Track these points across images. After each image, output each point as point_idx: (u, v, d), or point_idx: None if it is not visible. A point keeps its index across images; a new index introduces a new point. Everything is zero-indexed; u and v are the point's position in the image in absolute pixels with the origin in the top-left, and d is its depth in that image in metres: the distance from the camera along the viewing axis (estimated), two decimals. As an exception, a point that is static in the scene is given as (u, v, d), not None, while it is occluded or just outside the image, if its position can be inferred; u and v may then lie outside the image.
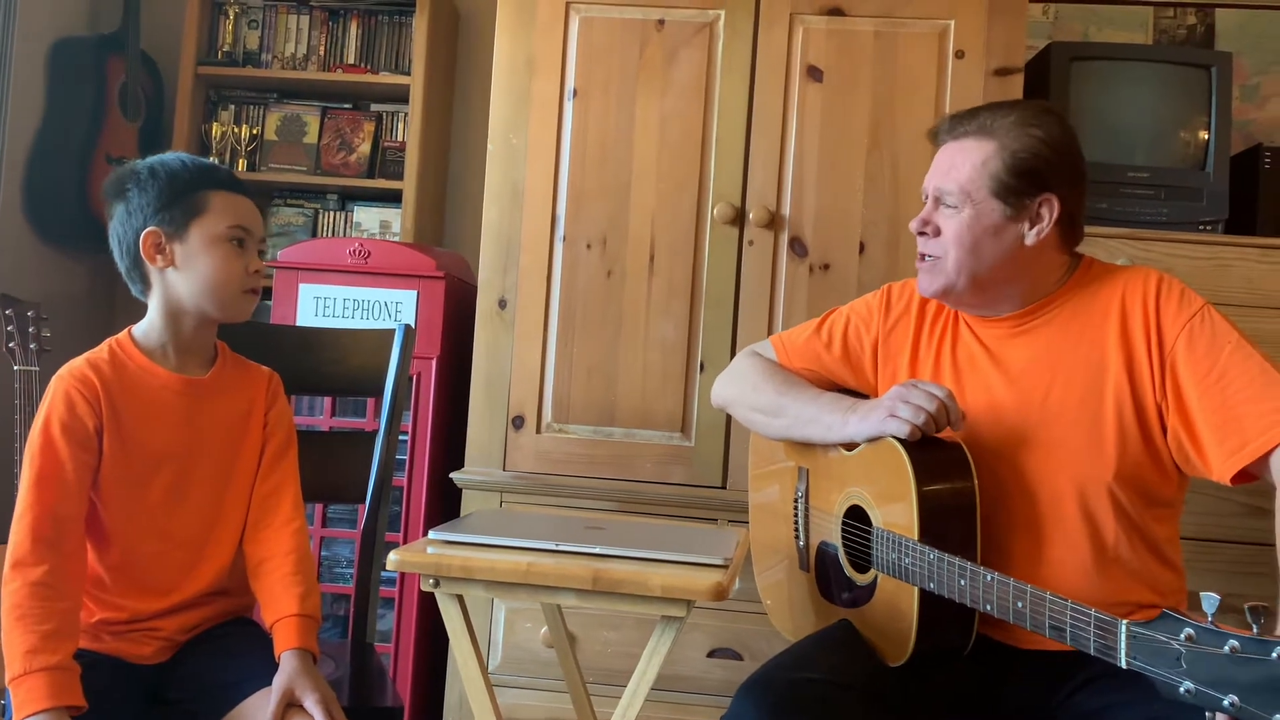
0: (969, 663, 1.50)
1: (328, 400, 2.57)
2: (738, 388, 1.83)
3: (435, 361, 2.53)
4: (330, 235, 3.35)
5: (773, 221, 2.32)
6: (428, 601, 2.46)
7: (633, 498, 2.32)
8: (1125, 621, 1.10)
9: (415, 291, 2.55)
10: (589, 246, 2.36)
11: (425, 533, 1.53)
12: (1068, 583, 1.44)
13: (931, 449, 1.48)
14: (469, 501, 2.37)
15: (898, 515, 1.49)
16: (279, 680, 1.45)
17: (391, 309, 2.55)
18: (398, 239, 3.23)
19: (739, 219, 2.33)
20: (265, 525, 1.61)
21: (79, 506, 1.46)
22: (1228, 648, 0.99)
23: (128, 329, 1.58)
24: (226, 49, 3.37)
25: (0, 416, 2.66)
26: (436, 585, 1.46)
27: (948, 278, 1.56)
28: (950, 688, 1.51)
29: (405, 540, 2.47)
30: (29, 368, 2.48)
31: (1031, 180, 1.52)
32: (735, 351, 2.18)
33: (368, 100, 3.41)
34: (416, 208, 3.19)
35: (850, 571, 1.62)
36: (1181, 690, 1.02)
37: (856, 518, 1.61)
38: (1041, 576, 1.44)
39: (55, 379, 1.51)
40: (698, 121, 2.34)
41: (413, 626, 2.49)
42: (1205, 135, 2.49)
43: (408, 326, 1.92)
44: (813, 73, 2.32)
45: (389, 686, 1.72)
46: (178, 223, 1.52)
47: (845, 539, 1.64)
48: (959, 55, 2.29)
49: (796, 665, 1.45)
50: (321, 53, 3.36)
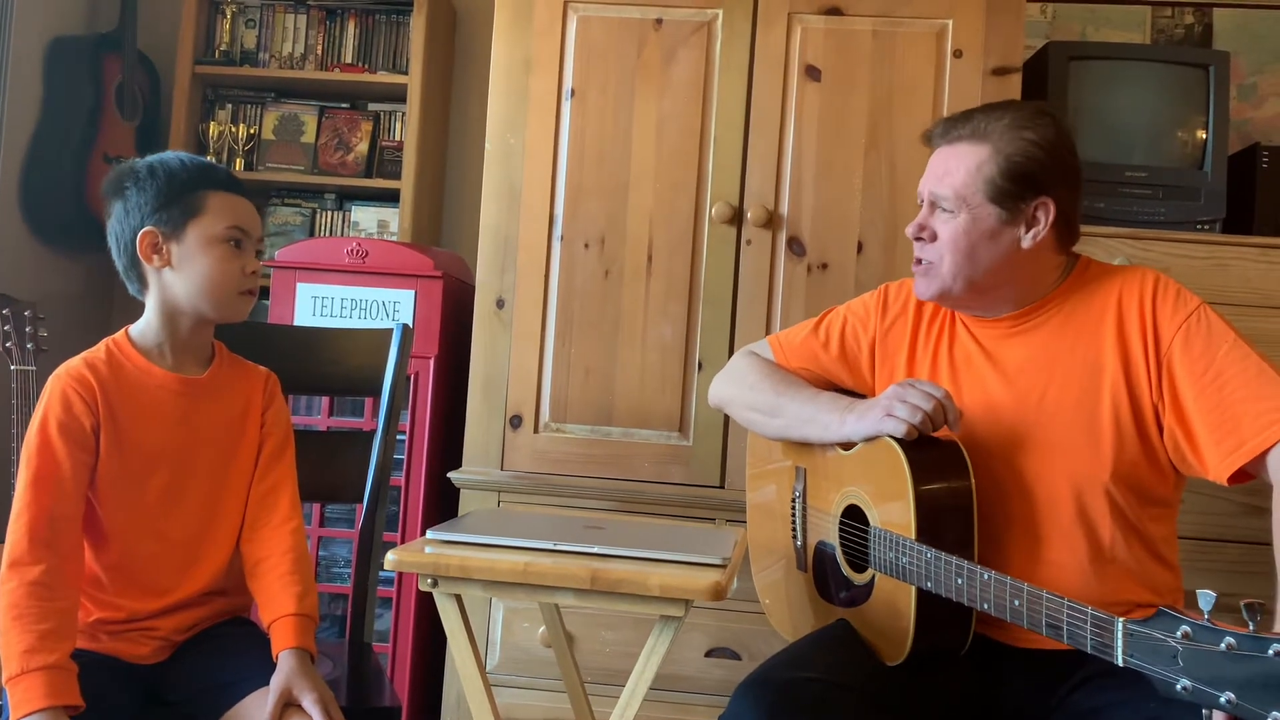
0: (966, 662, 1.50)
1: (325, 400, 2.57)
2: (735, 387, 1.83)
3: (433, 361, 2.53)
4: (328, 235, 3.35)
5: (771, 221, 2.32)
6: (426, 601, 2.46)
7: (630, 497, 2.32)
8: (1122, 619, 1.10)
9: (413, 291, 2.55)
10: (587, 246, 2.36)
11: (423, 532, 1.53)
12: (1065, 582, 1.44)
13: (928, 448, 1.48)
14: (467, 501, 2.37)
15: (895, 514, 1.49)
16: (277, 680, 1.45)
17: (389, 309, 2.55)
18: (395, 239, 3.23)
19: (737, 218, 2.33)
20: (262, 525, 1.61)
21: (76, 506, 1.46)
22: (1224, 645, 0.99)
23: (125, 329, 1.58)
24: (224, 48, 3.37)
25: (-3, 416, 2.66)
26: (434, 585, 1.46)
27: (944, 282, 1.56)
28: (948, 687, 1.51)
29: (403, 540, 2.47)
30: (25, 367, 2.48)
31: (1027, 184, 1.51)
32: (733, 351, 2.18)
33: (365, 100, 3.41)
34: (414, 207, 3.19)
35: (848, 571, 1.62)
36: (1178, 688, 1.02)
37: (854, 517, 1.61)
38: (1039, 576, 1.44)
39: (52, 379, 1.51)
40: (696, 121, 2.34)
41: (410, 626, 2.49)
42: (1203, 135, 2.49)
43: (405, 326, 1.92)
44: (811, 72, 2.32)
45: (387, 686, 1.72)
46: (175, 223, 1.52)
47: (843, 538, 1.64)
48: (957, 55, 2.29)
49: (794, 665, 1.44)
50: (319, 52, 3.36)
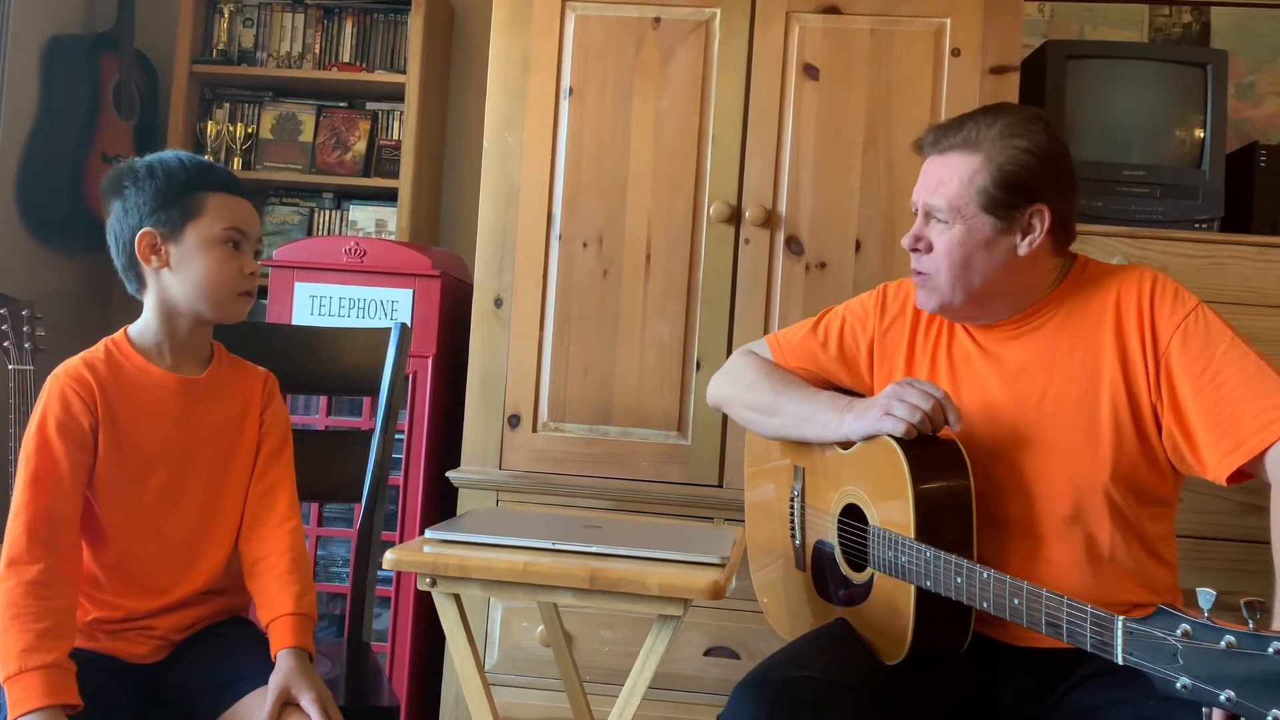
0: (966, 661, 1.50)
1: (323, 399, 2.56)
2: (733, 386, 1.83)
3: (431, 360, 2.53)
4: (326, 234, 3.34)
5: (769, 220, 2.31)
6: (424, 600, 2.45)
7: (629, 496, 2.32)
8: (1122, 618, 1.10)
9: (411, 290, 2.55)
10: (585, 245, 2.36)
11: (421, 532, 1.53)
12: (1063, 582, 1.44)
13: (927, 447, 1.48)
14: (465, 500, 2.37)
15: (894, 513, 1.49)
16: (275, 679, 1.45)
17: (387, 308, 2.55)
18: (393, 238, 3.23)
19: (735, 218, 2.32)
20: (261, 524, 1.61)
21: (74, 505, 1.46)
22: (1224, 643, 0.99)
23: (124, 328, 1.58)
24: (221, 47, 3.36)
25: (-5, 416, 2.66)
26: (433, 584, 1.46)
27: (943, 295, 1.55)
28: (947, 685, 1.51)
29: (401, 539, 2.47)
30: (23, 367, 2.48)
31: (1020, 193, 1.50)
32: (731, 350, 2.18)
33: (363, 99, 3.40)
34: (412, 206, 3.18)
35: (847, 570, 1.62)
36: (1178, 686, 1.02)
37: (853, 516, 1.61)
38: (1037, 576, 1.44)
39: (51, 378, 1.50)
40: (694, 120, 2.34)
41: (409, 626, 2.48)
42: (1201, 133, 2.49)
43: (403, 325, 1.91)
44: (809, 71, 2.32)
45: (385, 686, 1.72)
46: (173, 224, 1.52)
47: (842, 537, 1.64)
48: (955, 53, 2.29)
49: (793, 664, 1.44)
50: (317, 51, 3.35)
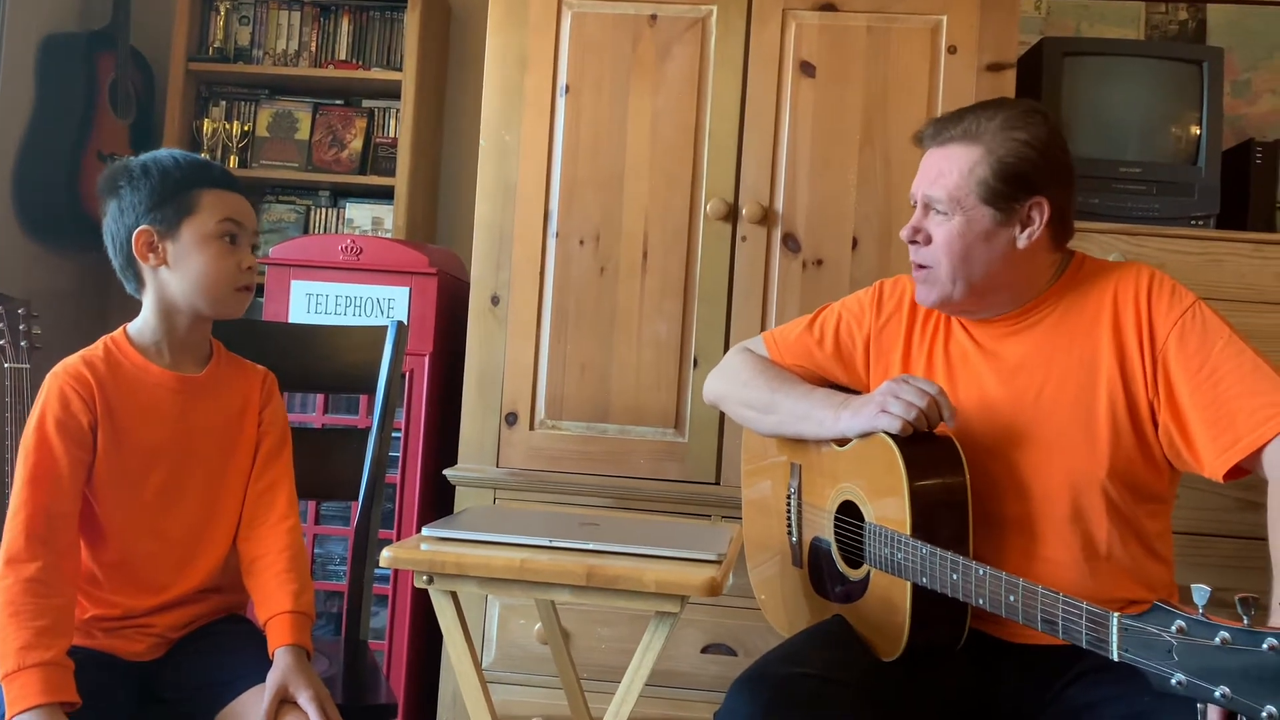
0: (962, 657, 1.51)
1: (320, 397, 2.56)
2: (730, 384, 1.83)
3: (428, 358, 2.53)
4: (322, 232, 3.34)
5: (765, 217, 2.32)
6: (421, 598, 2.45)
7: (626, 494, 2.32)
8: (1117, 614, 1.10)
9: (408, 288, 2.55)
10: (582, 243, 2.36)
11: (418, 530, 1.53)
12: (1060, 579, 1.44)
13: (923, 444, 1.48)
14: (462, 498, 2.37)
15: (890, 510, 1.49)
16: (273, 677, 1.45)
17: (384, 306, 2.55)
18: (390, 235, 3.22)
19: (732, 215, 2.33)
20: (260, 523, 1.61)
21: (73, 503, 1.46)
22: (1219, 639, 0.99)
23: (123, 327, 1.58)
24: (217, 45, 3.36)
25: (-9, 414, 2.65)
26: (430, 582, 1.46)
27: (943, 288, 1.56)
28: (943, 682, 1.51)
29: (398, 537, 2.47)
30: (19, 365, 2.47)
31: (1020, 185, 1.51)
32: (728, 347, 2.18)
33: (359, 96, 3.40)
34: (409, 204, 3.18)
35: (843, 567, 1.62)
36: (1173, 682, 1.02)
37: (849, 513, 1.61)
38: (1034, 573, 1.44)
39: (50, 376, 1.51)
40: (690, 117, 2.34)
41: (406, 623, 2.48)
42: (1197, 130, 2.49)
43: (400, 323, 1.91)
44: (805, 68, 2.32)
45: (383, 684, 1.72)
46: (169, 221, 1.52)
47: (838, 534, 1.64)
48: (951, 50, 2.29)
49: (790, 660, 1.45)
50: (313, 49, 3.35)
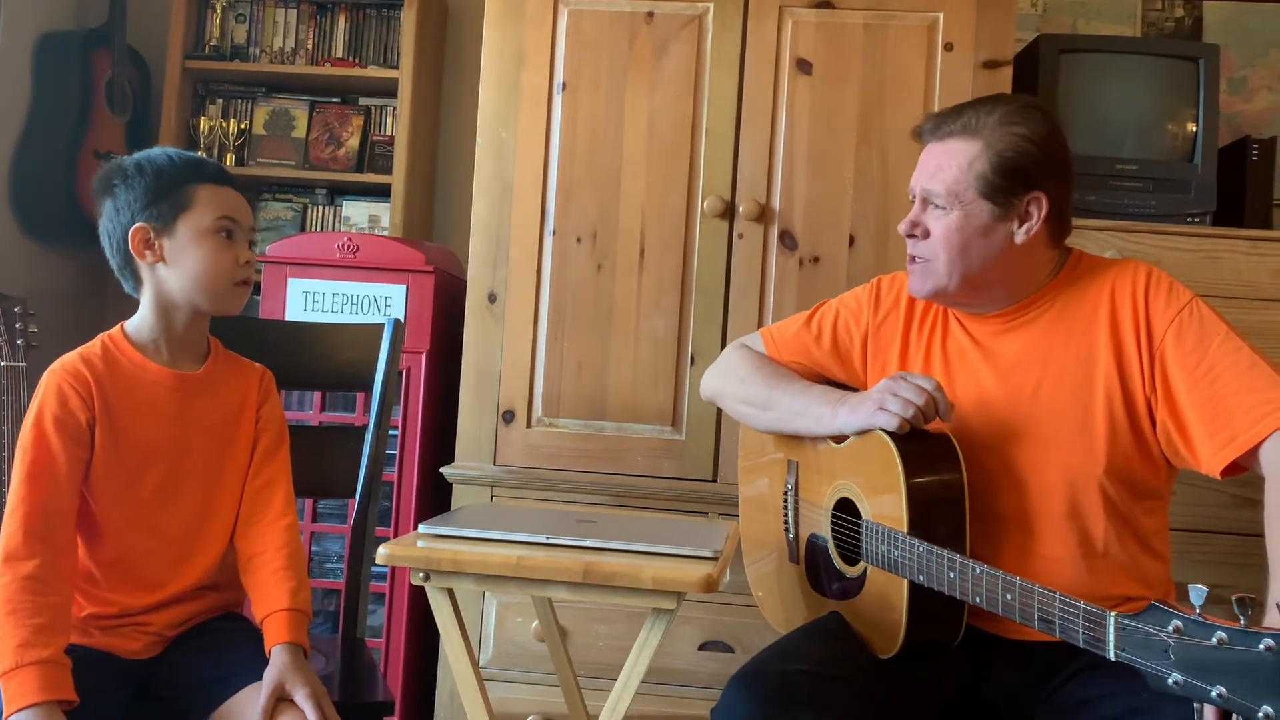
0: (959, 654, 1.51)
1: (317, 395, 2.56)
2: (727, 381, 1.83)
3: (425, 356, 2.53)
4: (319, 230, 3.34)
5: (762, 214, 2.32)
6: (418, 596, 2.45)
7: (623, 491, 2.32)
8: (1113, 614, 1.10)
9: (404, 286, 2.55)
10: (579, 240, 2.36)
11: (415, 527, 1.53)
12: (1057, 576, 1.45)
13: (920, 441, 1.49)
14: (459, 496, 2.37)
15: (887, 507, 1.49)
16: (269, 674, 1.45)
17: (381, 303, 2.55)
18: (387, 233, 3.22)
19: (729, 212, 2.33)
20: (257, 520, 1.61)
21: (70, 501, 1.46)
22: (1215, 639, 0.99)
23: (120, 324, 1.58)
24: (214, 43, 3.35)
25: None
26: (427, 579, 1.46)
27: (939, 280, 1.56)
28: (940, 679, 1.51)
29: (395, 535, 2.46)
30: (16, 363, 2.47)
31: (1019, 179, 1.51)
32: (725, 345, 2.18)
33: (356, 94, 3.39)
34: (405, 202, 3.18)
35: (840, 564, 1.62)
36: (1170, 682, 1.03)
37: (846, 510, 1.61)
38: (1031, 570, 1.44)
39: (48, 373, 1.50)
40: (687, 115, 2.34)
41: (403, 621, 2.48)
42: (1193, 128, 2.49)
43: (397, 321, 1.91)
44: (802, 65, 2.32)
45: (380, 681, 1.72)
46: (165, 218, 1.52)
47: (835, 531, 1.64)
48: (948, 48, 2.29)
49: (787, 657, 1.45)
50: (309, 46, 3.35)
